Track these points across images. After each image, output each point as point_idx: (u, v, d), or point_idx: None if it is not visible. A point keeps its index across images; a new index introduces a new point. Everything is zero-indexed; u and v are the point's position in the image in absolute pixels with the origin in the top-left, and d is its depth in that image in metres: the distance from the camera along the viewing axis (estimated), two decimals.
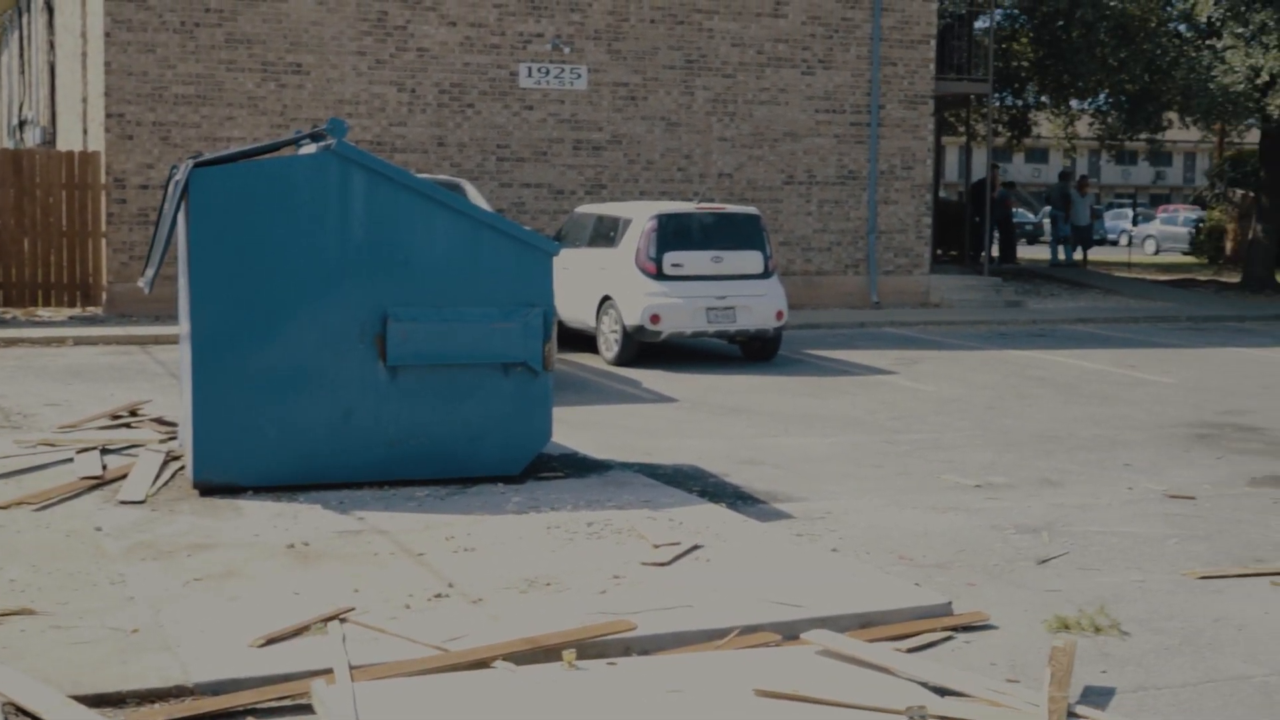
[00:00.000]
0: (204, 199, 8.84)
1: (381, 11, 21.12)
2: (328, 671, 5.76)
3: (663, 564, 7.49)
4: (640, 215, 16.88)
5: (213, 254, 8.87)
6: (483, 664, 5.92)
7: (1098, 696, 5.99)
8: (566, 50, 21.98)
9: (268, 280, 8.92)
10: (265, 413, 8.93)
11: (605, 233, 17.39)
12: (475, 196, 15.69)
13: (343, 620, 6.42)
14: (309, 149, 9.75)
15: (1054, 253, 34.24)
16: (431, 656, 5.96)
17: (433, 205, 9.21)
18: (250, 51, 20.66)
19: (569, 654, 5.92)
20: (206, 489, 8.91)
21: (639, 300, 16.37)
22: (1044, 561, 8.19)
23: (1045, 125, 35.69)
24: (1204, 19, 25.80)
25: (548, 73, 21.98)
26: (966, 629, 6.86)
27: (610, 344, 16.81)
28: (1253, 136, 33.86)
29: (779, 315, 16.83)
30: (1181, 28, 28.10)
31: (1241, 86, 24.33)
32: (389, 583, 7.08)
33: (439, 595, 6.89)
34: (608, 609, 6.67)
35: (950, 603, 7.07)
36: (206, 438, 8.88)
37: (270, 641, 6.12)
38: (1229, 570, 8.03)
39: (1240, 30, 24.53)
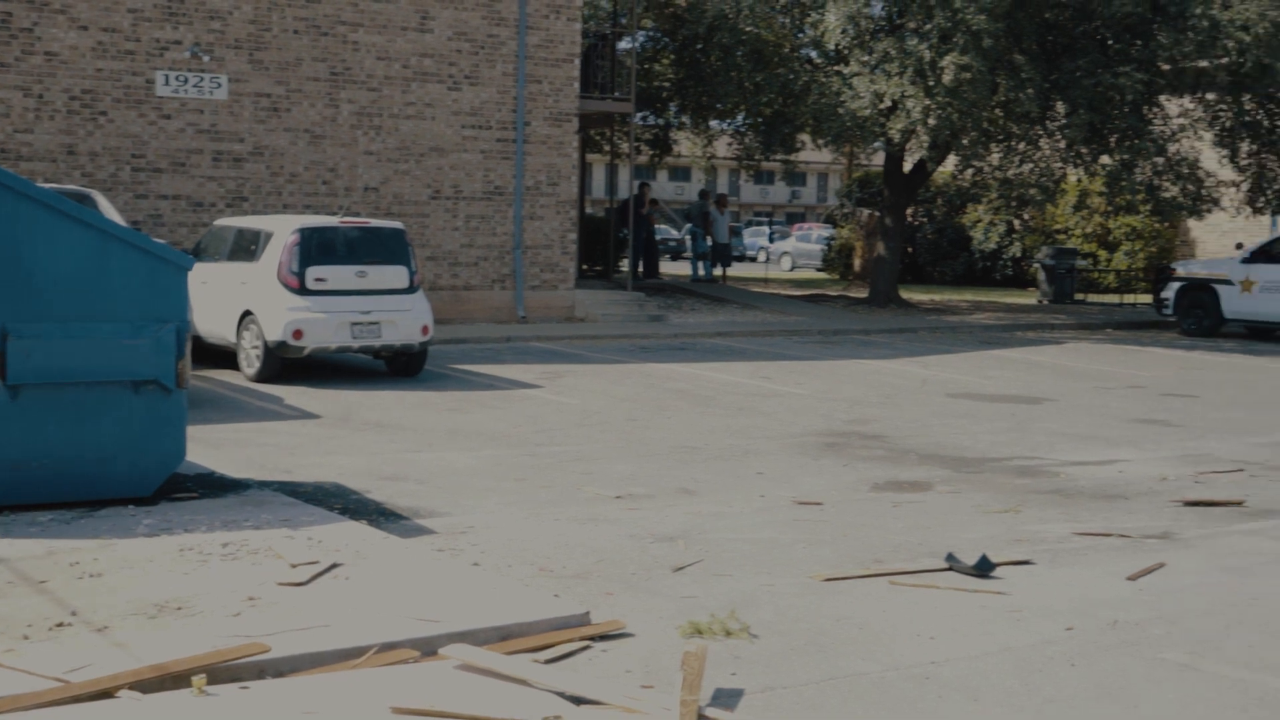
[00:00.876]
0: None
1: (5, 12, 20.07)
2: None
3: (300, 584, 7.35)
4: (282, 229, 16.56)
5: None
6: (106, 694, 5.69)
7: (728, 698, 6.19)
8: (206, 59, 21.37)
9: None
10: None
11: (246, 246, 16.98)
12: (107, 208, 15.09)
13: None
14: None
15: (695, 269, 35.23)
16: (51, 689, 5.68)
17: (58, 217, 8.80)
18: None
19: (199, 680, 5.75)
20: None
21: (281, 315, 16.05)
22: (679, 569, 8.40)
23: (686, 144, 36.68)
24: (832, 46, 26.99)
25: (186, 81, 21.33)
26: (604, 638, 6.98)
27: (251, 360, 16.41)
28: (879, 159, 35.62)
29: (425, 330, 16.78)
30: (813, 54, 29.34)
31: (867, 111, 25.55)
32: (6, 613, 6.71)
33: (61, 624, 6.58)
34: (242, 631, 6.51)
35: (588, 612, 7.18)
36: None
37: None
38: (851, 572, 8.42)
39: (865, 58, 25.77)
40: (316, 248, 16.38)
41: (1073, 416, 15.67)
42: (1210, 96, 27.51)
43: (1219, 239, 37.33)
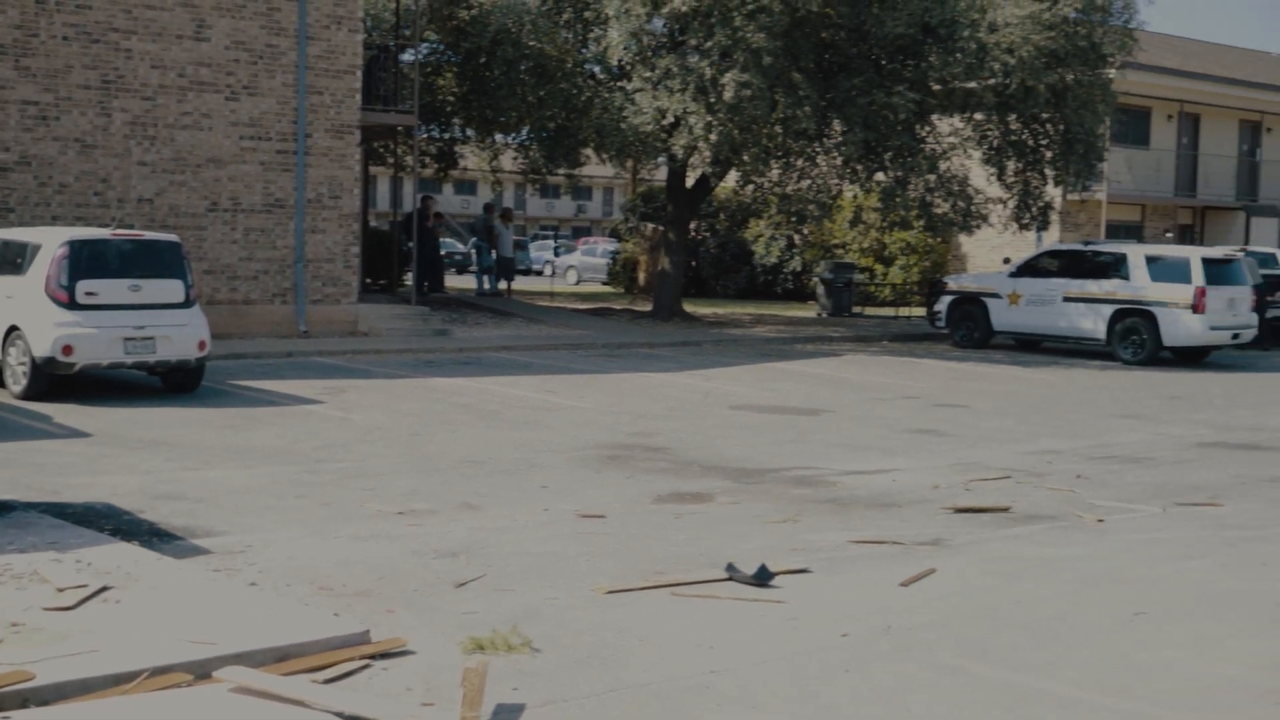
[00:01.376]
0: None
1: None
2: None
3: (68, 608, 7.11)
4: (51, 241, 16.01)
5: None
6: None
7: (509, 713, 6.17)
8: None
9: None
10: None
11: (12, 259, 16.38)
12: None
13: None
14: None
15: (480, 282, 35.10)
16: None
17: None
18: None
19: None
20: None
21: (49, 331, 15.52)
22: (462, 585, 8.36)
23: (472, 158, 36.51)
24: (615, 62, 27.19)
25: None
26: (385, 656, 6.90)
27: (18, 377, 15.83)
28: (663, 174, 35.96)
29: (201, 345, 16.40)
30: (596, 69, 29.50)
31: (650, 127, 25.79)
32: None
33: None
34: (4, 659, 6.26)
35: (368, 631, 7.09)
36: None
37: None
38: (634, 584, 8.47)
39: (648, 74, 26.01)
40: (87, 261, 15.88)
41: (850, 427, 16.04)
42: (979, 116, 28.39)
43: (988, 254, 38.65)
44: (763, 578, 8.58)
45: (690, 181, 31.01)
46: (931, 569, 9.16)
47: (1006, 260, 29.69)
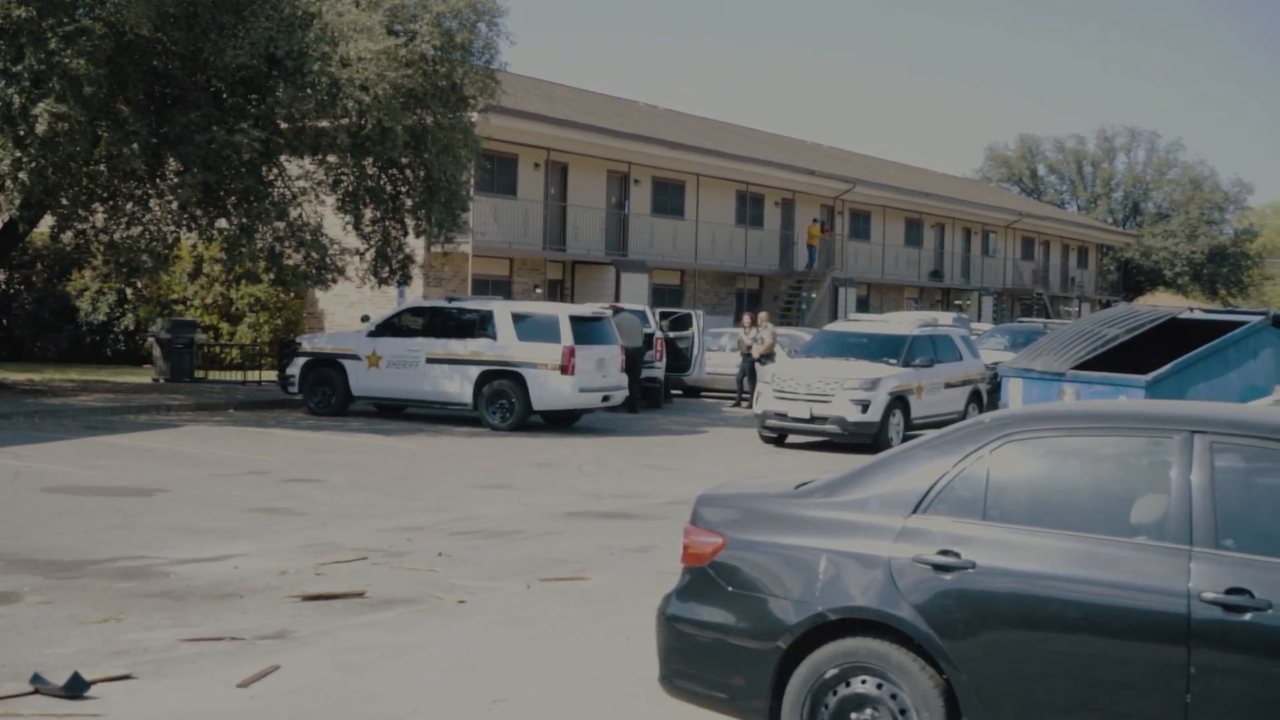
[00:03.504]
0: None
1: None
2: None
3: None
4: None
5: None
6: None
7: None
8: None
9: None
10: None
11: None
12: None
13: None
14: None
15: None
16: None
17: None
18: None
19: None
20: None
21: None
22: None
23: None
24: None
25: None
26: None
27: None
28: None
29: None
30: None
31: None
32: None
33: None
34: None
35: None
36: None
37: None
38: None
39: None
40: None
41: (187, 508, 15.71)
42: (332, 158, 28.48)
43: (348, 310, 39.09)
44: (76, 688, 8.23)
45: None
46: (275, 665, 9.10)
47: (365, 318, 29.89)
